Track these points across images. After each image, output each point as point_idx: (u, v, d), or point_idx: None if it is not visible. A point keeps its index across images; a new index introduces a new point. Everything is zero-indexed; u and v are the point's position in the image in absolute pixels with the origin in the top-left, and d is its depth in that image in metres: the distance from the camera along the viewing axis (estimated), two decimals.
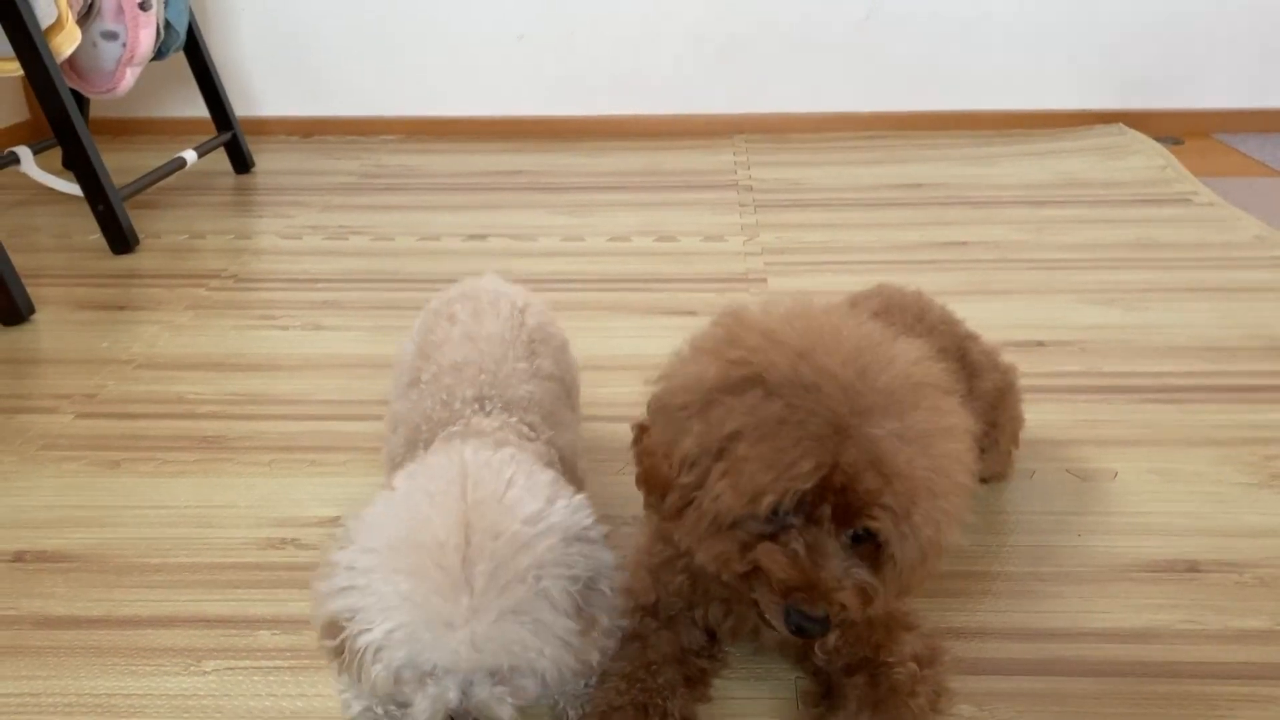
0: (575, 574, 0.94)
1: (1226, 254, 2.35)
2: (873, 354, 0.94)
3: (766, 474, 0.88)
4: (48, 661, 1.18)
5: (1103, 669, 1.14)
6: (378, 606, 0.90)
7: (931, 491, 0.90)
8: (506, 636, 0.89)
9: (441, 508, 0.92)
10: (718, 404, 0.92)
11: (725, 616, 1.10)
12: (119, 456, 1.59)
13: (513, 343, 1.27)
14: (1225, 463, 1.52)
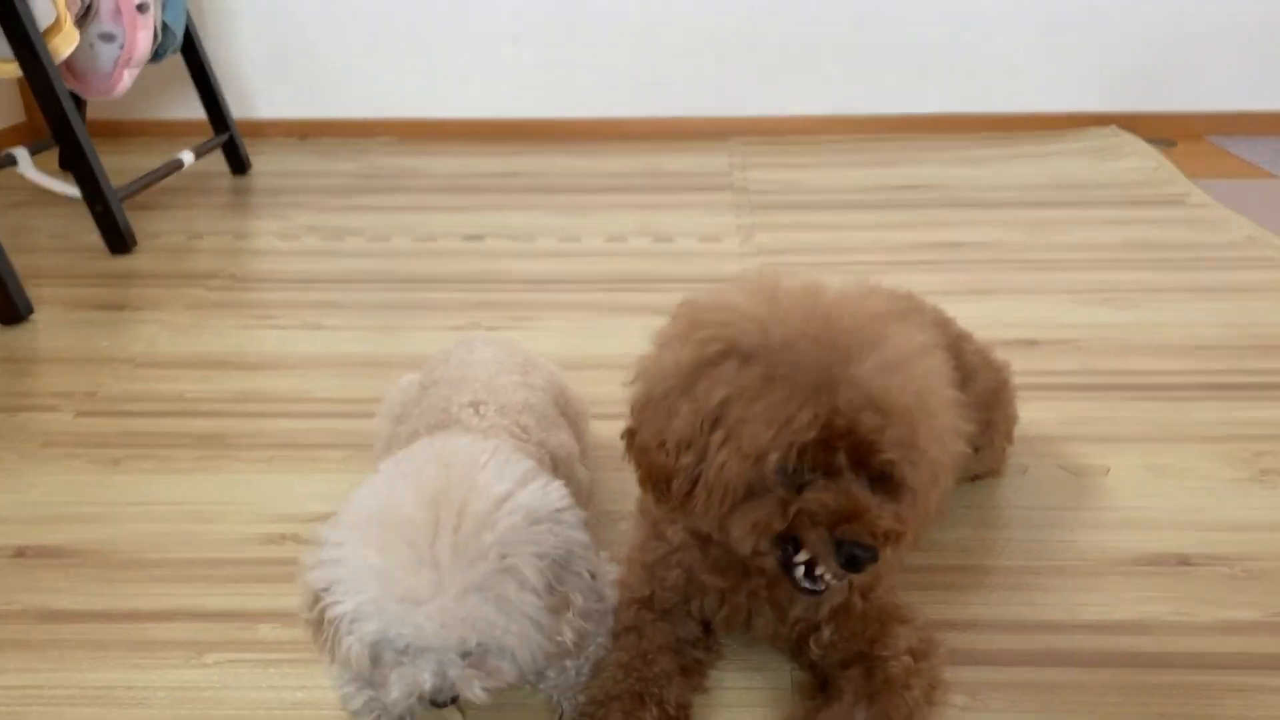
0: (543, 552, 0.97)
1: (1218, 254, 2.37)
2: (830, 302, 0.97)
3: (767, 430, 0.89)
4: (50, 655, 1.18)
5: (1095, 660, 1.16)
6: (350, 579, 0.93)
7: (927, 411, 0.93)
8: (471, 612, 0.91)
9: (413, 487, 0.96)
10: (700, 379, 0.94)
11: (719, 607, 1.11)
12: (119, 454, 1.60)
13: (505, 362, 1.34)
14: (1216, 458, 1.54)
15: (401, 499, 0.96)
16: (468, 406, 1.21)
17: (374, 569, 0.93)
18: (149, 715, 1.10)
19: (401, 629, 0.92)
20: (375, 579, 0.93)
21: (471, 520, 0.94)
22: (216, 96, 3.12)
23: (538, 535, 0.97)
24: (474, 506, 0.95)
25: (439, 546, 0.92)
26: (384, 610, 0.92)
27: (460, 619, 0.91)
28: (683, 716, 1.06)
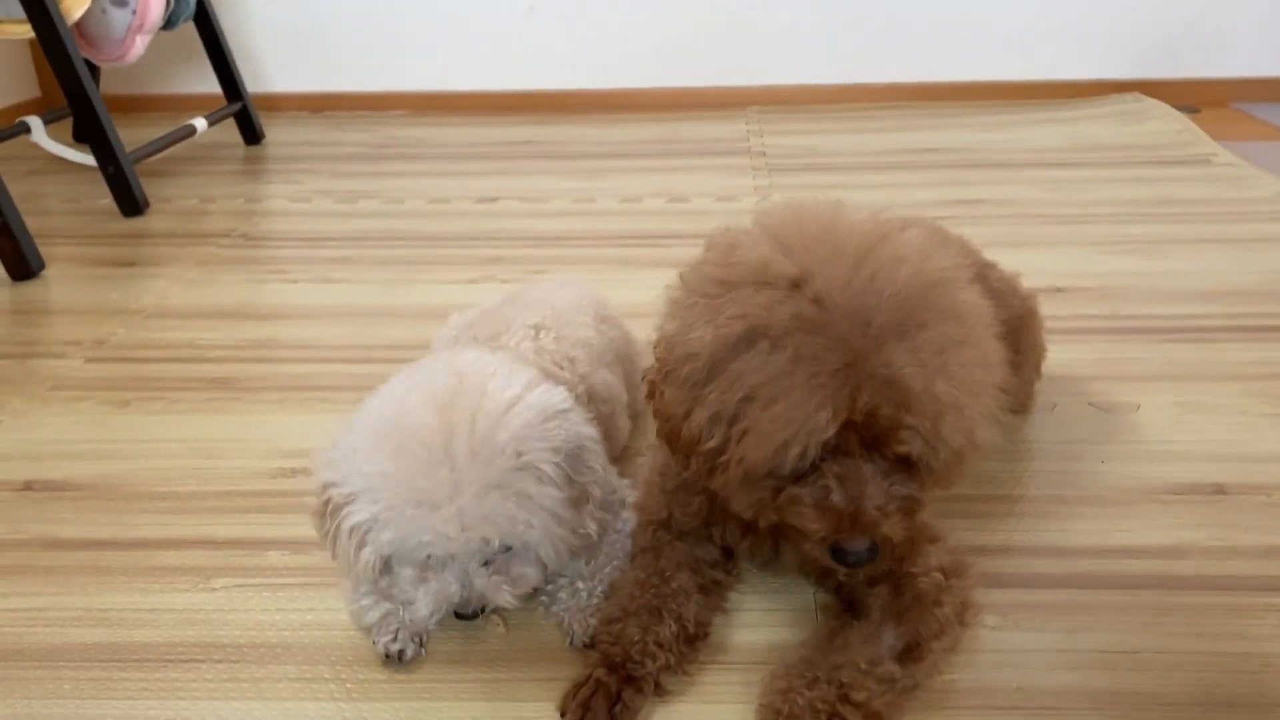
0: (556, 446, 0.96)
1: (1246, 208, 2.31)
2: (878, 258, 0.90)
3: (785, 430, 0.85)
4: (54, 579, 1.16)
5: (1129, 583, 1.12)
6: (364, 488, 0.92)
7: (956, 406, 0.87)
8: (492, 509, 0.90)
9: (425, 394, 0.95)
10: (723, 368, 0.88)
11: (743, 537, 1.07)
12: (128, 396, 1.58)
13: (582, 304, 1.34)
14: (1249, 395, 1.50)
15: (413, 405, 0.95)
16: (529, 327, 1.22)
17: (388, 475, 0.91)
18: (155, 636, 1.07)
19: (421, 535, 0.90)
20: (391, 485, 0.91)
21: (485, 420, 0.92)
22: (229, 65, 3.10)
23: (549, 431, 0.96)
24: (487, 408, 0.94)
25: (454, 447, 0.90)
26: (401, 516, 0.90)
27: (482, 518, 0.89)
28: (701, 634, 1.03)
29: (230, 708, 0.97)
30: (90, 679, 1.01)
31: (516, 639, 1.05)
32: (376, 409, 0.98)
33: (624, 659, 0.96)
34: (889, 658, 0.95)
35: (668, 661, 0.97)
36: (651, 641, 0.97)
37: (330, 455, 0.97)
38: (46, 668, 1.02)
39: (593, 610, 1.04)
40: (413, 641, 1.02)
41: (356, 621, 1.06)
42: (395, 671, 1.01)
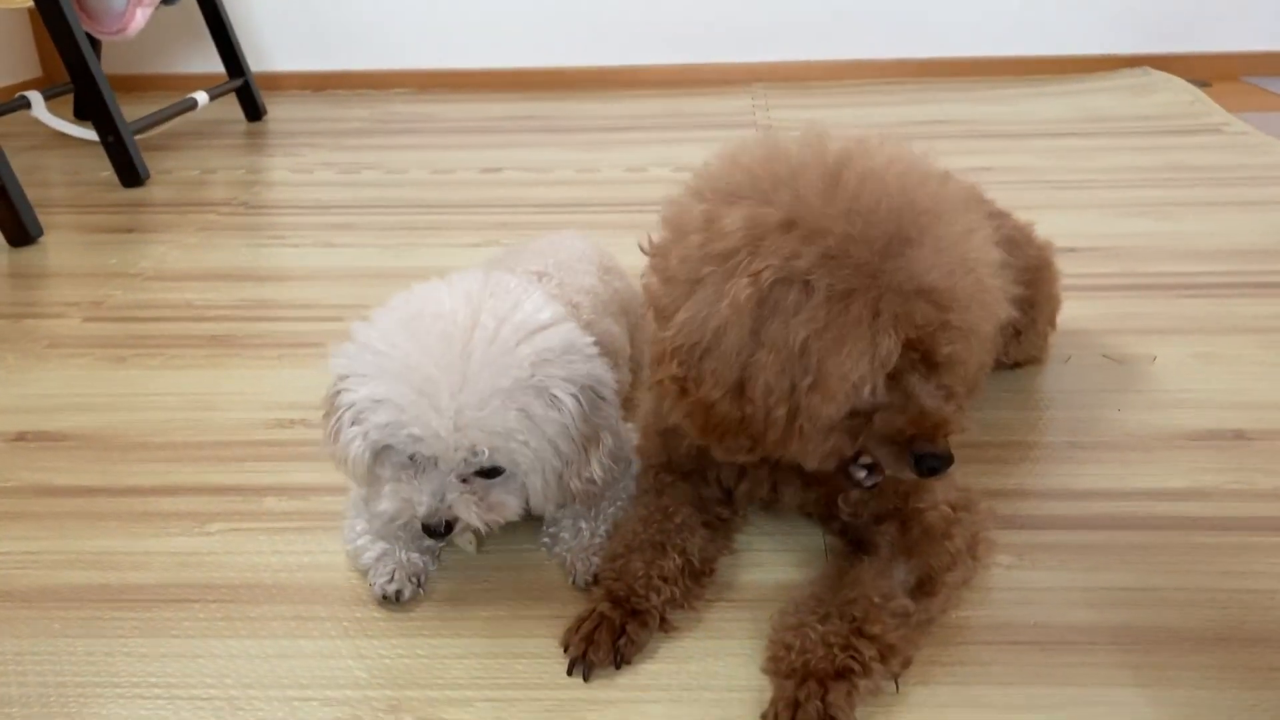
0: (573, 377, 0.93)
1: (1260, 173, 2.28)
2: (851, 178, 0.87)
3: (856, 370, 0.83)
4: (47, 525, 1.14)
5: (1149, 524, 1.08)
6: (372, 366, 0.90)
7: (981, 294, 0.86)
8: (491, 418, 0.87)
9: (456, 292, 0.92)
10: (764, 330, 0.84)
11: (739, 480, 1.04)
12: (125, 353, 1.56)
13: (587, 255, 1.32)
14: (1266, 347, 1.46)
15: (442, 299, 0.93)
16: (531, 272, 1.19)
17: (399, 356, 0.89)
18: (148, 577, 1.05)
19: (413, 426, 0.87)
20: (399, 366, 0.88)
21: (511, 329, 0.90)
22: (231, 40, 3.08)
23: (572, 363, 0.93)
24: (515, 319, 0.91)
25: (472, 346, 0.88)
26: (400, 400, 0.88)
27: (478, 422, 0.86)
28: (707, 569, 1.00)
29: (223, 645, 0.94)
30: (80, 618, 0.98)
31: (518, 578, 1.02)
32: (403, 301, 0.96)
33: (628, 593, 0.93)
34: (902, 592, 0.92)
35: (672, 595, 0.94)
36: (656, 575, 0.94)
37: (343, 349, 0.94)
38: (36, 608, 1.00)
39: (595, 549, 1.01)
40: (410, 581, 0.99)
41: (354, 562, 1.03)
42: (394, 610, 0.98)
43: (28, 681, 0.90)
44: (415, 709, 0.86)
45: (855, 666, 0.83)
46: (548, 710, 0.85)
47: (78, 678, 0.90)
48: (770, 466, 1.02)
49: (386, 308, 0.96)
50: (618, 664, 0.89)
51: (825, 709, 0.80)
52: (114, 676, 0.91)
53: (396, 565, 0.99)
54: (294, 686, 0.89)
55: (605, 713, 0.85)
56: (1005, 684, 0.87)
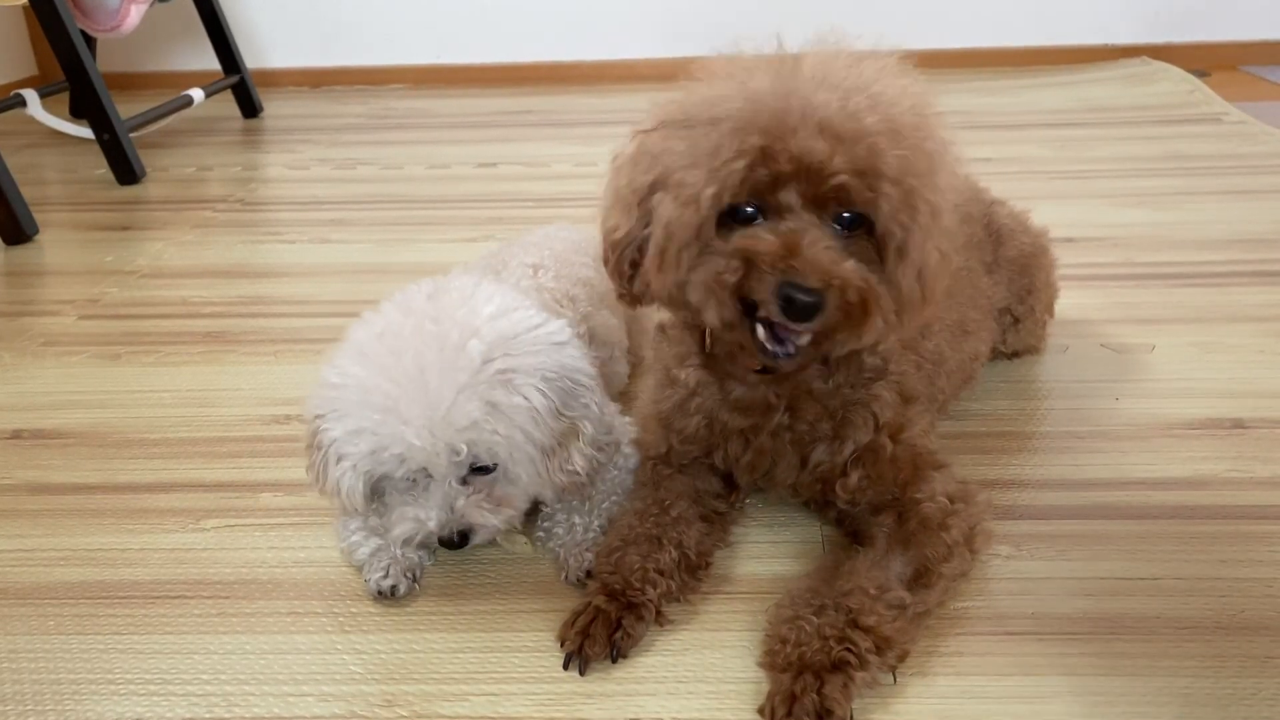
0: (538, 366, 0.93)
1: (1259, 163, 2.27)
2: (806, 61, 0.87)
3: (699, 170, 0.82)
4: (42, 522, 1.13)
5: (1148, 513, 1.08)
6: (339, 400, 0.91)
7: (895, 132, 0.81)
8: (457, 415, 0.88)
9: (403, 310, 0.94)
10: (650, 147, 0.89)
11: (744, 451, 1.03)
12: (120, 350, 1.55)
13: (582, 246, 1.31)
14: (1267, 335, 1.46)
15: (388, 316, 0.94)
16: (527, 265, 1.19)
17: (359, 385, 0.90)
18: (143, 574, 1.04)
19: (393, 446, 0.88)
20: (359, 394, 0.90)
21: (456, 328, 0.90)
22: (226, 37, 3.07)
23: (533, 351, 0.93)
24: (459, 316, 0.92)
25: (423, 352, 0.88)
26: (371, 425, 0.89)
27: (447, 422, 0.87)
28: (703, 563, 0.99)
29: (218, 641, 0.94)
30: (75, 615, 0.98)
31: (513, 572, 1.02)
32: (355, 330, 0.97)
33: (624, 586, 0.92)
34: (898, 584, 0.91)
35: (669, 589, 0.94)
36: (652, 569, 0.94)
37: (316, 387, 0.95)
38: (31, 604, 1.00)
39: (589, 545, 1.01)
40: (405, 577, 0.99)
41: (348, 557, 1.02)
42: (389, 605, 0.98)
43: (22, 678, 0.90)
44: (410, 704, 0.86)
45: (851, 659, 0.83)
46: (543, 704, 0.85)
47: (72, 674, 0.90)
48: (770, 433, 1.01)
49: (344, 341, 0.97)
50: (614, 658, 0.89)
51: (822, 702, 0.80)
52: (109, 673, 0.90)
53: (391, 560, 0.99)
54: (289, 682, 0.89)
55: (601, 706, 0.85)
56: (1002, 674, 0.87)
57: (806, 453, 1.01)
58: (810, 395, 0.98)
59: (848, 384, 0.99)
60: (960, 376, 1.21)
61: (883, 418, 0.99)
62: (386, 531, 0.98)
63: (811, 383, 0.98)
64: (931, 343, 1.09)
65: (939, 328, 1.11)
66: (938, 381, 1.13)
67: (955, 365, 1.17)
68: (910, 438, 1.01)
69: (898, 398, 1.01)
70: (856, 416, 0.99)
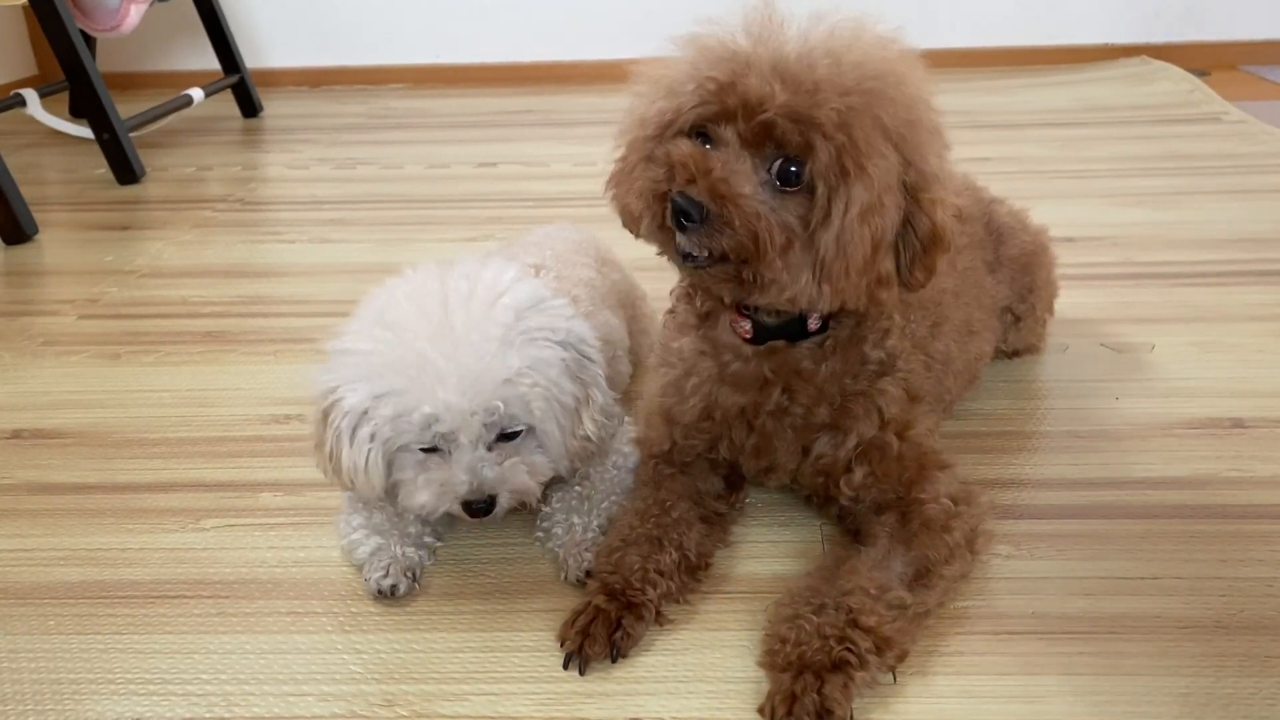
0: (555, 334, 0.95)
1: (1259, 162, 2.27)
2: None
3: (660, 100, 0.87)
4: (41, 522, 1.13)
5: (1148, 512, 1.08)
6: (359, 367, 0.90)
7: (848, 92, 0.82)
8: (494, 367, 0.87)
9: (422, 279, 0.94)
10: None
11: (747, 436, 1.03)
12: (120, 350, 1.55)
13: (583, 247, 1.32)
14: (1267, 335, 1.46)
15: (407, 287, 0.94)
16: (529, 266, 1.18)
17: (384, 348, 0.89)
18: (143, 574, 1.04)
19: (423, 406, 0.87)
20: (387, 357, 0.88)
21: (484, 288, 0.91)
22: (226, 37, 3.07)
23: (553, 321, 0.95)
24: (486, 278, 0.93)
25: (452, 308, 0.88)
26: (401, 386, 0.87)
27: (485, 377, 0.86)
28: (703, 564, 0.99)
29: (218, 640, 0.94)
30: (75, 615, 0.98)
31: (513, 572, 1.02)
32: (371, 303, 0.97)
33: (624, 586, 0.92)
34: (899, 584, 0.91)
35: (668, 589, 0.94)
36: (653, 569, 0.94)
37: (323, 367, 0.94)
38: (31, 604, 1.00)
39: (588, 545, 1.00)
40: (405, 576, 0.99)
41: (348, 557, 1.02)
42: (389, 605, 0.97)
43: (22, 678, 0.90)
44: (410, 703, 0.86)
45: (851, 659, 0.83)
46: (543, 704, 0.85)
47: (72, 674, 0.90)
48: (769, 413, 1.00)
49: (353, 316, 0.96)
50: (614, 657, 0.89)
51: (822, 701, 0.80)
52: (108, 673, 0.90)
53: (391, 560, 0.99)
54: (289, 682, 0.88)
55: (601, 706, 0.85)
56: (1002, 673, 0.87)
57: (808, 442, 1.01)
58: (801, 376, 0.98)
59: (848, 374, 0.99)
60: (966, 377, 1.21)
61: (888, 413, 0.99)
62: (390, 526, 0.98)
63: (801, 362, 0.98)
64: (941, 343, 1.09)
65: (948, 328, 1.11)
66: (945, 382, 1.13)
67: (962, 365, 1.17)
68: (916, 436, 1.01)
69: (904, 395, 1.00)
70: (858, 407, 0.99)
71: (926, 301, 1.07)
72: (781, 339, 0.97)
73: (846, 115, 0.81)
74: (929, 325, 1.07)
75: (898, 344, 1.01)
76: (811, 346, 0.97)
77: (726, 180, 0.83)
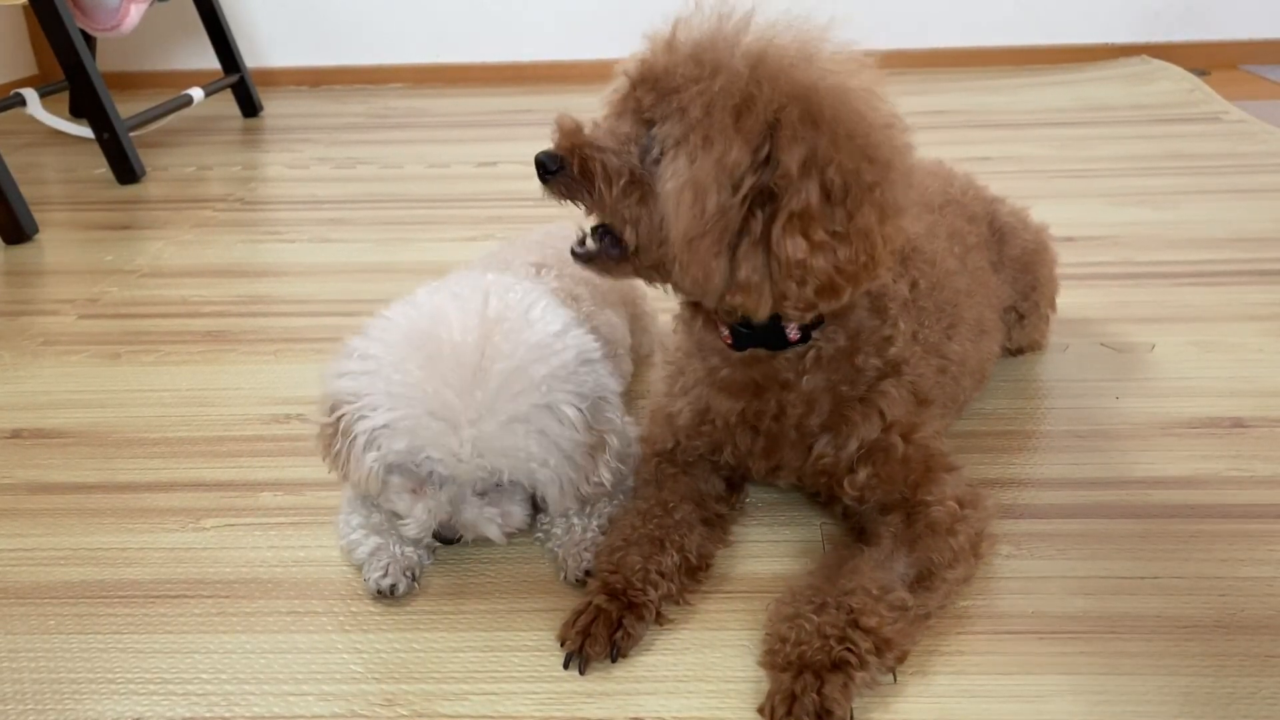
0: (584, 393, 0.94)
1: (1259, 161, 2.27)
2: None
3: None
4: (42, 521, 1.13)
5: (1148, 512, 1.08)
6: (384, 392, 0.89)
7: (735, 74, 0.84)
8: (510, 441, 0.88)
9: (465, 310, 0.91)
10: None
11: (755, 438, 1.02)
12: (120, 349, 1.55)
13: None
14: (1267, 334, 1.46)
15: (451, 319, 0.92)
16: (530, 265, 1.19)
17: (416, 384, 0.88)
18: (143, 573, 1.04)
19: (432, 450, 0.88)
20: (416, 394, 0.88)
21: (526, 351, 0.90)
22: (226, 36, 3.07)
23: (581, 375, 0.94)
24: (529, 339, 0.91)
25: (489, 371, 0.87)
26: (419, 426, 0.88)
27: (498, 447, 0.87)
28: (704, 565, 0.99)
29: (218, 640, 0.94)
30: (75, 614, 0.98)
31: (513, 571, 1.02)
32: (407, 318, 0.95)
33: (625, 586, 0.92)
34: (900, 585, 0.91)
35: (669, 590, 0.94)
36: (654, 570, 0.94)
37: (344, 367, 0.94)
38: (31, 604, 1.00)
39: (588, 545, 1.00)
40: (404, 576, 0.99)
41: (348, 557, 1.02)
42: (389, 604, 0.97)
43: (22, 678, 0.90)
44: (411, 703, 0.86)
45: (851, 659, 0.82)
46: (543, 703, 0.85)
47: (72, 674, 0.90)
48: (771, 416, 1.00)
49: (388, 321, 0.95)
50: (614, 657, 0.89)
51: (821, 701, 0.80)
52: (109, 672, 0.90)
53: (391, 560, 0.99)
54: (289, 681, 0.88)
55: (601, 705, 0.85)
56: (1003, 673, 0.87)
57: (810, 442, 1.01)
58: (785, 387, 0.98)
59: (842, 383, 0.98)
60: (979, 377, 1.21)
61: (890, 415, 0.99)
62: (389, 526, 0.99)
63: (782, 373, 0.97)
64: (958, 345, 1.09)
65: (964, 329, 1.11)
66: (962, 382, 1.13)
67: (975, 365, 1.17)
68: (923, 439, 1.01)
69: (911, 397, 1.00)
70: (855, 414, 0.99)
71: (944, 304, 1.07)
72: (762, 347, 0.97)
73: (706, 90, 0.83)
74: (944, 328, 1.07)
75: (903, 351, 1.00)
76: (792, 358, 0.97)
77: (583, 135, 0.89)
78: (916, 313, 1.02)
